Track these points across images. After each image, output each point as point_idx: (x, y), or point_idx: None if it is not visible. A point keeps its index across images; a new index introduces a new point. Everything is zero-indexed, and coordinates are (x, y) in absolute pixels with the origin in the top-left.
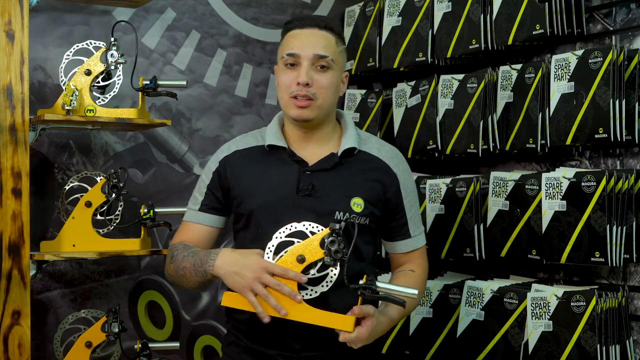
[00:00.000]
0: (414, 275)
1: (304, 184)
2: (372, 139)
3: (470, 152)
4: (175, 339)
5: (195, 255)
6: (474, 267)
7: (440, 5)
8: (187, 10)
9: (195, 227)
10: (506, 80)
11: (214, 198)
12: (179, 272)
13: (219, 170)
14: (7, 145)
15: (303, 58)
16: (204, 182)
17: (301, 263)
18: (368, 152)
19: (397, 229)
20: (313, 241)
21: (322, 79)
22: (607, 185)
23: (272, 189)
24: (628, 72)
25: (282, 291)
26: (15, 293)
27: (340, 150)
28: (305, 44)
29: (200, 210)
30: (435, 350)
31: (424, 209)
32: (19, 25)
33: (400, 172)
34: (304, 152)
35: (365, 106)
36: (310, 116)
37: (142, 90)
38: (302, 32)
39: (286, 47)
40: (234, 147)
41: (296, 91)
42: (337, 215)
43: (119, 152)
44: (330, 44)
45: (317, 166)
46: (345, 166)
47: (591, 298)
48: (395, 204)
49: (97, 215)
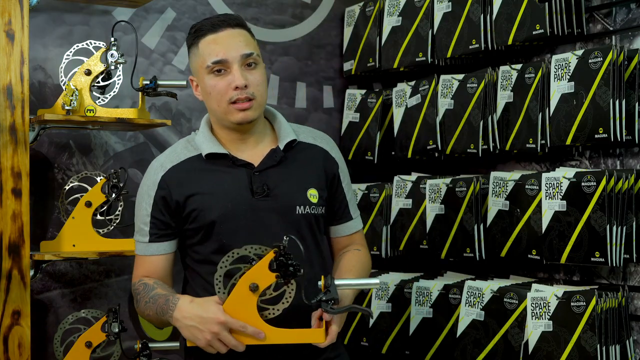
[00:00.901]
0: (361, 254)
1: (257, 185)
2: (303, 128)
3: (470, 152)
4: (175, 339)
5: (156, 303)
6: (474, 267)
7: (440, 5)
8: (187, 10)
9: (151, 260)
10: (506, 80)
11: (162, 224)
12: (147, 318)
13: (161, 195)
14: (7, 145)
15: (231, 62)
16: (146, 210)
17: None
18: (306, 142)
19: (340, 212)
20: (262, 266)
21: (254, 77)
22: (607, 185)
23: (228, 196)
24: (628, 72)
25: (247, 332)
26: (15, 293)
27: (282, 145)
28: (229, 47)
29: (151, 241)
30: (435, 350)
31: (424, 209)
32: (19, 25)
33: (337, 156)
34: (244, 155)
35: (365, 106)
36: (254, 116)
37: (142, 90)
38: (218, 35)
39: (208, 55)
40: (168, 163)
41: (235, 96)
42: (298, 210)
43: (119, 152)
44: (249, 39)
45: (263, 165)
46: (290, 160)
47: (591, 298)
48: (336, 187)
49: (97, 215)
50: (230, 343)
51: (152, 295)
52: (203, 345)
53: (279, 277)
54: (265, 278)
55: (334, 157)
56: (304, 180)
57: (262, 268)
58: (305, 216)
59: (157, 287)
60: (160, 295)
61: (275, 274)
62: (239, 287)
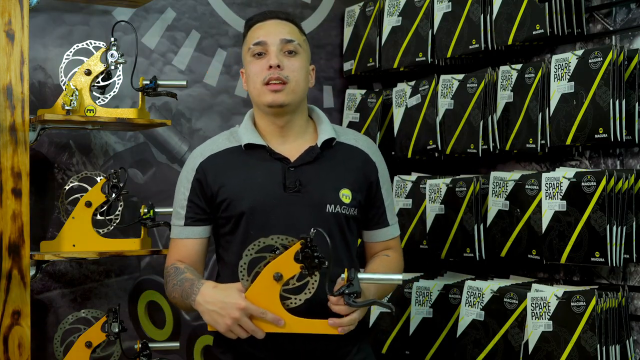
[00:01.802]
0: (390, 259)
1: (290, 181)
2: (347, 130)
3: (470, 152)
4: (175, 339)
5: (182, 286)
6: (474, 267)
7: (440, 5)
8: (187, 10)
9: (185, 243)
10: (506, 80)
11: (198, 209)
12: (173, 301)
13: (198, 179)
14: (7, 145)
15: (270, 44)
16: (184, 194)
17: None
18: (346, 143)
19: (376, 217)
20: (287, 257)
21: (292, 63)
22: (607, 185)
23: (260, 189)
24: (628, 72)
25: (267, 318)
26: (15, 293)
27: (320, 142)
28: (270, 32)
29: (186, 224)
30: (435, 350)
31: (424, 209)
32: (19, 25)
33: (378, 161)
34: (282, 149)
35: (365, 106)
36: (285, 100)
37: (142, 90)
38: (265, 23)
39: (251, 38)
40: (208, 151)
41: (268, 76)
42: (328, 209)
43: (119, 152)
44: (294, 31)
45: (299, 161)
46: (327, 158)
47: (591, 298)
48: (375, 192)
49: (97, 215)
50: (249, 328)
51: (180, 278)
52: (223, 330)
53: (304, 268)
54: (290, 268)
55: (375, 161)
56: (338, 180)
57: (288, 258)
58: (335, 215)
59: (187, 271)
60: (187, 279)
61: (300, 265)
62: (263, 276)
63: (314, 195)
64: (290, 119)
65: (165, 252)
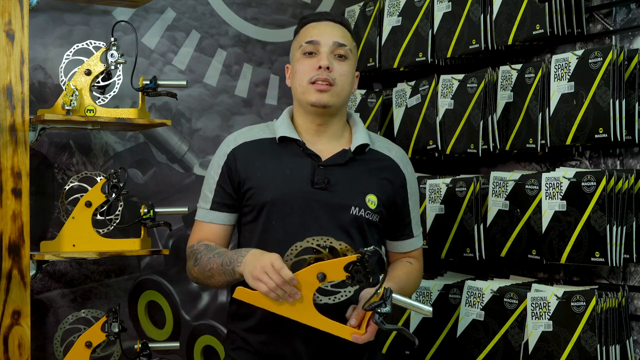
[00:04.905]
0: (412, 267)
1: (318, 177)
2: (381, 138)
3: (470, 152)
4: (175, 339)
5: (222, 256)
6: (474, 267)
7: (440, 5)
8: (187, 10)
9: (210, 227)
10: (506, 80)
11: (225, 194)
12: (206, 274)
13: (227, 164)
14: (7, 145)
15: (323, 45)
16: (213, 179)
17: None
18: (379, 151)
19: (401, 228)
20: (339, 263)
21: (341, 66)
22: (607, 185)
23: (286, 181)
24: (628, 72)
25: (293, 284)
26: (15, 293)
27: (354, 146)
28: (324, 33)
29: (212, 208)
30: (435, 350)
31: (424, 209)
32: (19, 25)
33: (408, 172)
34: (316, 147)
35: (365, 106)
36: (329, 102)
37: (142, 90)
38: (320, 24)
39: (304, 36)
40: (241, 139)
41: (316, 76)
42: (352, 210)
43: (119, 152)
44: (347, 36)
45: (330, 161)
46: (358, 163)
47: (591, 298)
48: (401, 203)
49: (97, 215)
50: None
51: (219, 251)
52: (265, 290)
53: (349, 278)
54: (336, 273)
55: (405, 173)
56: (366, 185)
57: (339, 265)
58: (357, 218)
59: (221, 247)
60: (228, 250)
61: (346, 275)
62: (309, 270)
63: (340, 195)
64: (328, 120)
65: (165, 252)
